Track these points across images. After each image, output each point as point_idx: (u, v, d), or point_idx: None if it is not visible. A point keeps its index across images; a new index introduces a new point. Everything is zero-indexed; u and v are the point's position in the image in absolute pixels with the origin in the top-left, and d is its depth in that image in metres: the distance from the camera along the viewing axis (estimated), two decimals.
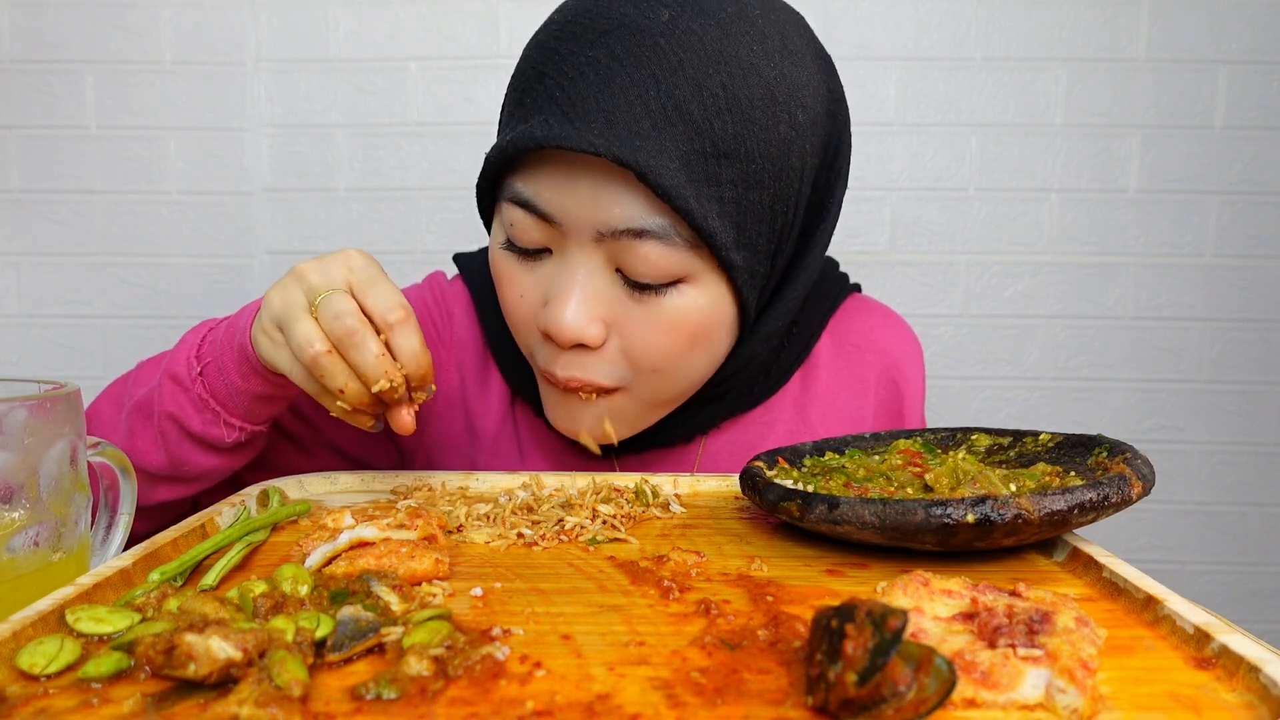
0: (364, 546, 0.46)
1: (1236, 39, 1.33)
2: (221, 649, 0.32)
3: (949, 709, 0.31)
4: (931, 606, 0.38)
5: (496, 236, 0.64)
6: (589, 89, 0.55)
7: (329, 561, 0.45)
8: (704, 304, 0.60)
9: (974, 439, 0.62)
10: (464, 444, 0.77)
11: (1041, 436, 0.59)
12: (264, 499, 0.59)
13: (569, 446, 0.75)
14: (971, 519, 0.44)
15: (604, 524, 0.55)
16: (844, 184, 0.67)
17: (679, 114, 0.55)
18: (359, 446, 0.77)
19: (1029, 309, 1.40)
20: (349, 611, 0.37)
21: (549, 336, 0.61)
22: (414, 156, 1.38)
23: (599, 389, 0.62)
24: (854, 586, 0.45)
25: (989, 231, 1.39)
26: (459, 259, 0.81)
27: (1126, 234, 1.38)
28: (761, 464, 0.58)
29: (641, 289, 0.59)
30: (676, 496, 0.63)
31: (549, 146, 0.55)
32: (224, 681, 0.32)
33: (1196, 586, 1.45)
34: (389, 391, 0.54)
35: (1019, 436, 0.60)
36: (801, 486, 0.54)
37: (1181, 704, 0.32)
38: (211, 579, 0.44)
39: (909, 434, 0.65)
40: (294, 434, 0.75)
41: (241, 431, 0.62)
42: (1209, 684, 0.34)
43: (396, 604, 0.40)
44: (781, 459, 0.60)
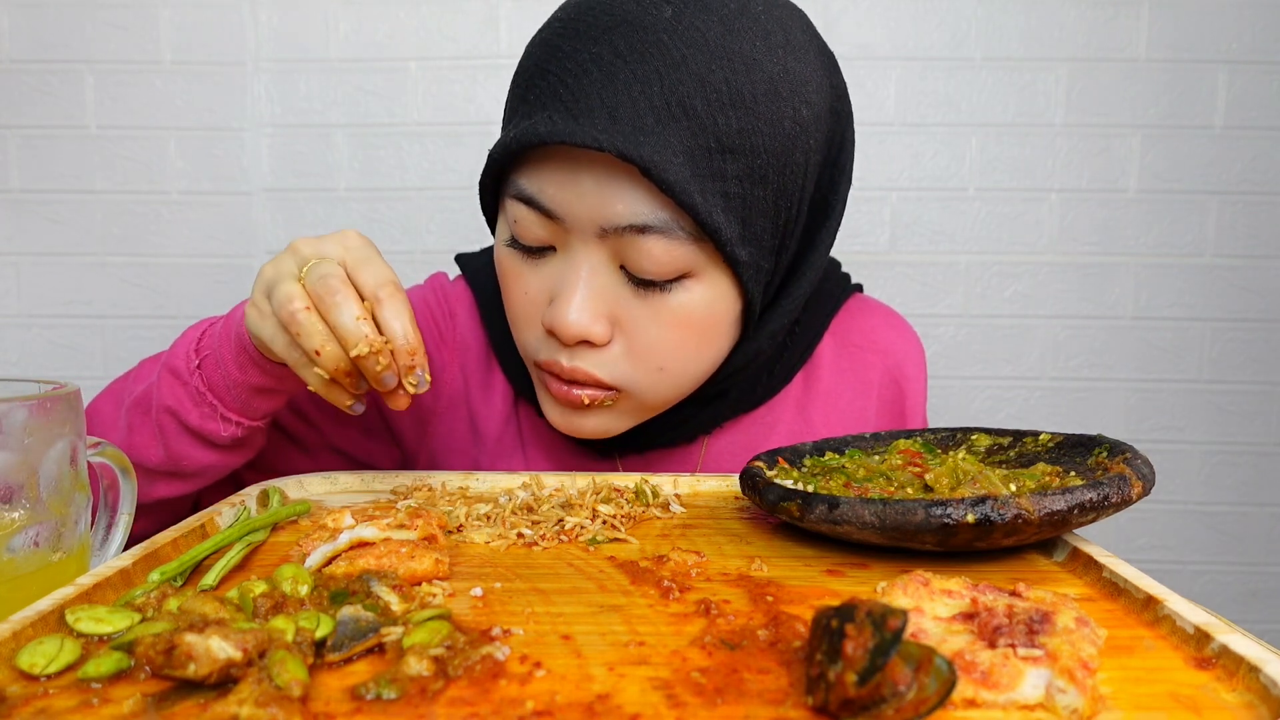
0: (364, 546, 0.46)
1: (1236, 39, 1.33)
2: (221, 649, 0.32)
3: (949, 709, 0.31)
4: (931, 606, 0.38)
5: (501, 234, 0.64)
6: (592, 85, 0.55)
7: (329, 561, 0.45)
8: (709, 300, 0.60)
9: (974, 439, 0.62)
10: (468, 445, 0.77)
11: (1041, 436, 0.59)
12: (264, 499, 0.59)
13: (572, 445, 0.75)
14: (971, 519, 0.44)
15: (604, 524, 0.55)
16: (848, 181, 0.67)
17: (683, 109, 0.55)
18: (362, 449, 0.77)
19: (1029, 309, 1.40)
20: (349, 611, 0.37)
21: (554, 334, 0.61)
22: (414, 156, 1.38)
23: (601, 384, 0.62)
24: (854, 586, 0.45)
25: (989, 231, 1.39)
26: (461, 259, 0.81)
27: (1127, 234, 1.38)
28: (761, 464, 0.58)
29: (646, 286, 0.59)
30: (676, 496, 0.63)
31: (553, 142, 0.55)
32: (224, 681, 0.32)
33: (1196, 586, 1.45)
34: (368, 361, 0.53)
35: (1019, 436, 0.60)
36: (801, 486, 0.54)
37: (1181, 704, 0.32)
38: (211, 579, 0.44)
39: (909, 434, 0.65)
40: (296, 435, 0.74)
41: (238, 426, 0.62)
42: (1209, 684, 0.34)
43: (396, 604, 0.40)
44: (781, 459, 0.60)
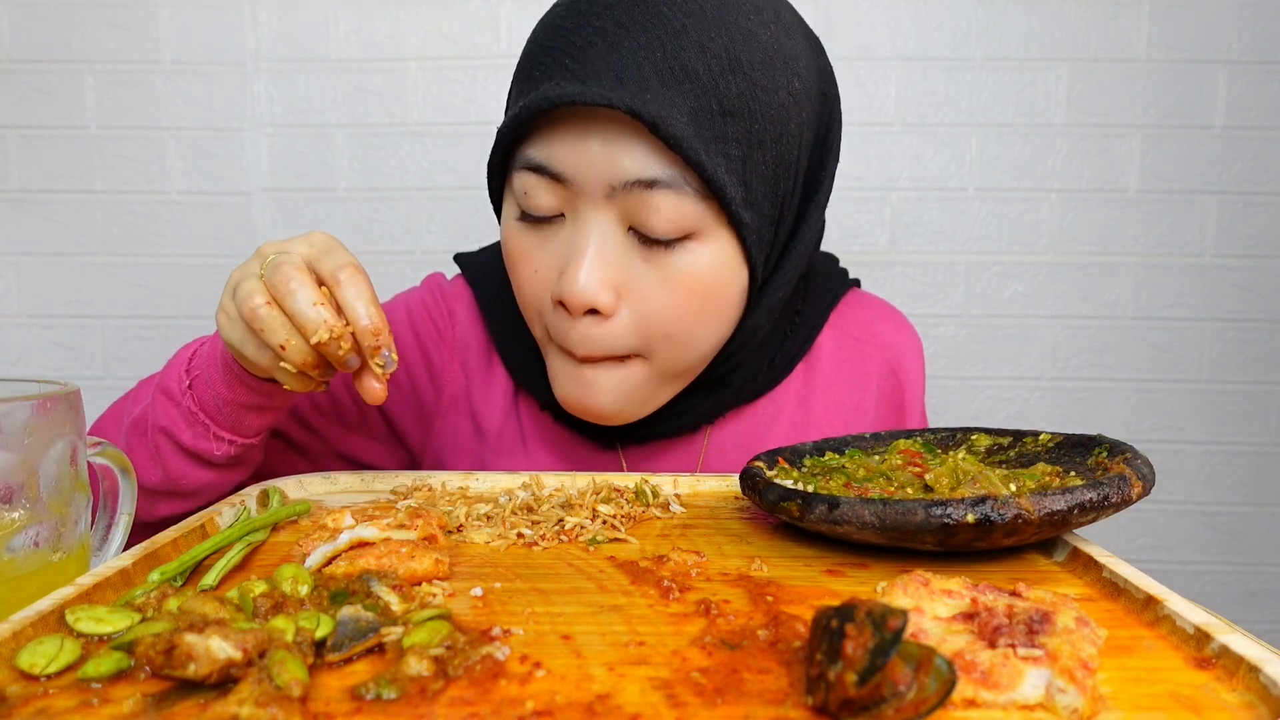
0: (364, 546, 0.46)
1: (1236, 39, 1.33)
2: (221, 649, 0.32)
3: (949, 709, 0.31)
4: (931, 606, 0.38)
5: (509, 214, 0.65)
6: (597, 53, 0.57)
7: (329, 561, 0.45)
8: (714, 263, 0.61)
9: (974, 439, 0.62)
10: (472, 443, 0.77)
11: (1041, 436, 0.59)
12: (264, 499, 0.59)
13: (573, 438, 0.75)
14: (971, 519, 0.44)
15: (604, 524, 0.55)
16: (835, 158, 0.69)
17: (685, 73, 0.56)
18: (368, 453, 0.77)
19: (1029, 309, 1.40)
20: (349, 611, 0.37)
21: (563, 304, 0.61)
22: (414, 156, 1.38)
23: (614, 357, 0.63)
24: (854, 586, 0.45)
25: (989, 231, 1.39)
26: (460, 259, 0.81)
27: (1126, 234, 1.38)
28: (761, 464, 0.58)
29: (652, 245, 0.60)
30: (676, 496, 0.63)
31: (562, 103, 0.56)
32: (224, 681, 0.32)
33: (1196, 586, 1.45)
34: (330, 346, 0.52)
35: (1019, 436, 0.60)
36: (801, 486, 0.54)
37: (1181, 704, 0.32)
38: (211, 579, 0.44)
39: (909, 434, 0.65)
40: (301, 443, 0.75)
41: (231, 445, 0.62)
42: (1209, 684, 0.34)
43: (396, 604, 0.40)
44: (781, 459, 0.60)
